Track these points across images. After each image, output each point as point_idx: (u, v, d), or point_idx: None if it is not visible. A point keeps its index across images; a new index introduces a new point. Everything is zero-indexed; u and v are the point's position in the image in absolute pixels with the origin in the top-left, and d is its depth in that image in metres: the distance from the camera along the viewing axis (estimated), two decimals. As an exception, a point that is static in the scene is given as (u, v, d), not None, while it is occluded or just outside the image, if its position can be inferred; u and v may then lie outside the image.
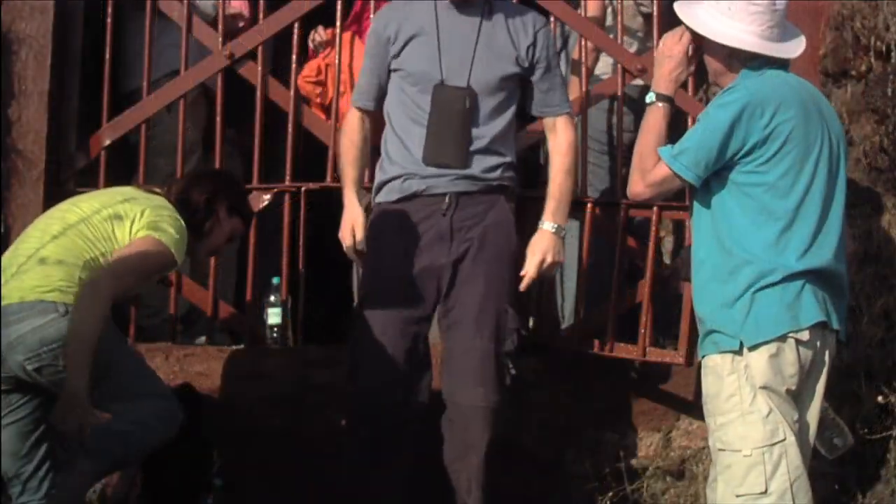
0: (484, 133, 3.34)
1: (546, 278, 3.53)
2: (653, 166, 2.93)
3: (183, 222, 3.24)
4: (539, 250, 3.36)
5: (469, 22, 3.38)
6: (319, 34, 4.28)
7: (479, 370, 3.27)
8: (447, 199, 3.32)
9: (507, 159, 3.39)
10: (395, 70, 3.40)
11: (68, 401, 2.98)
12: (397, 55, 3.39)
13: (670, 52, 3.01)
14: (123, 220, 3.17)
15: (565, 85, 3.60)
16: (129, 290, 3.29)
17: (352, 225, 3.38)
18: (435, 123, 3.31)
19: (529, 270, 3.35)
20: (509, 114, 3.41)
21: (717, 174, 2.89)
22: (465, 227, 3.32)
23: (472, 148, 3.33)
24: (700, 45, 2.99)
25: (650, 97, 3.00)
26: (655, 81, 3.02)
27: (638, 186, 2.98)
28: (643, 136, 2.98)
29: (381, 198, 3.40)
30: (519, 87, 3.44)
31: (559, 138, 3.46)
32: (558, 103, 3.49)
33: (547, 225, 3.39)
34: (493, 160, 3.36)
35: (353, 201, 3.42)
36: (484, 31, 3.37)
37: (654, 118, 2.98)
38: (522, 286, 3.37)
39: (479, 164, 3.33)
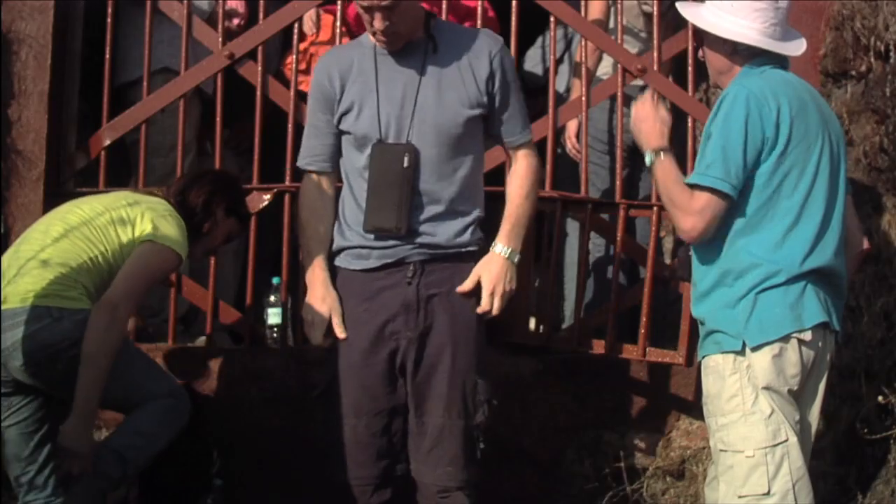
0: (441, 195, 3.06)
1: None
2: (689, 200, 2.86)
3: (183, 221, 3.24)
4: (490, 280, 3.07)
5: (408, 70, 3.08)
6: (312, 18, 4.27)
7: (448, 449, 3.03)
8: (412, 268, 3.05)
9: (474, 215, 3.11)
10: (343, 132, 3.13)
11: (78, 424, 2.99)
12: (345, 114, 3.10)
13: (643, 116, 2.97)
14: (126, 224, 3.18)
15: (524, 109, 3.21)
16: (143, 302, 3.32)
17: (319, 317, 3.08)
18: (374, 185, 3.02)
19: (485, 306, 3.07)
20: (470, 163, 3.10)
21: None
22: (431, 294, 3.06)
23: (433, 213, 3.05)
24: (701, 45, 3.00)
25: (649, 159, 2.95)
26: (645, 143, 2.97)
27: (686, 223, 2.87)
28: (664, 187, 2.90)
29: (341, 262, 3.13)
30: (481, 125, 3.13)
31: (519, 164, 3.19)
32: (520, 132, 3.17)
33: (499, 248, 3.11)
34: (458, 223, 3.08)
35: (322, 287, 3.09)
36: (428, 78, 3.07)
37: (665, 169, 2.92)
38: (480, 310, 3.08)
39: (445, 232, 3.06)
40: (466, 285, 3.07)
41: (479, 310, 3.08)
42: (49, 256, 3.11)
